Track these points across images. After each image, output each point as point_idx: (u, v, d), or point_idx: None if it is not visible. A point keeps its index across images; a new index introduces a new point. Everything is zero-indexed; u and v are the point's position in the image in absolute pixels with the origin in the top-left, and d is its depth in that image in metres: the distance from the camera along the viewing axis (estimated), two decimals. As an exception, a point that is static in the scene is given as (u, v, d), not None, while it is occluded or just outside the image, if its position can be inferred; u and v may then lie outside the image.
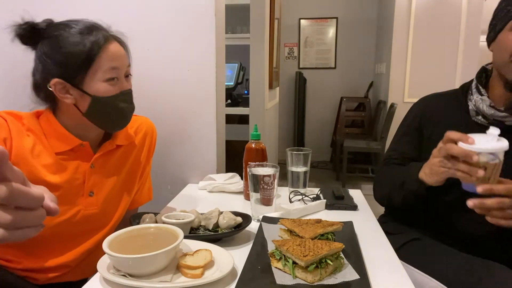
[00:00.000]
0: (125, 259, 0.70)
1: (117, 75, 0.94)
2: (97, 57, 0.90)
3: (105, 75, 0.91)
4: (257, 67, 2.92)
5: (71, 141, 0.97)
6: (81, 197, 0.98)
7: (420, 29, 3.83)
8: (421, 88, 3.87)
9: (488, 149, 0.76)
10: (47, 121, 0.97)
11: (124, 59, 0.96)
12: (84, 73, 0.90)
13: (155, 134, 1.20)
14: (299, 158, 1.26)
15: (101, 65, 0.91)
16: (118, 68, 0.94)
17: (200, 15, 1.39)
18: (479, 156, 0.77)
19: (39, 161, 0.92)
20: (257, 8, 2.82)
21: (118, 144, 1.06)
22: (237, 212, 1.00)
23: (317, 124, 5.42)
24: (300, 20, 5.24)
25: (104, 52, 0.91)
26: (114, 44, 0.94)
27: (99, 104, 0.93)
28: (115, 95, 0.94)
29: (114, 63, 0.92)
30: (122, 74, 0.96)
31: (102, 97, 0.92)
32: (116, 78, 0.94)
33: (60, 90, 0.92)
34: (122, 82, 0.96)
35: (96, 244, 1.03)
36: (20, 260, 0.95)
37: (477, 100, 1.04)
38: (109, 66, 0.91)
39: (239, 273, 0.75)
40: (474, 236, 1.05)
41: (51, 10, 1.43)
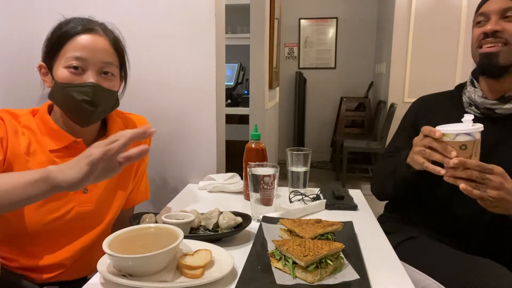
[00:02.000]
0: (125, 259, 0.70)
1: (81, 66, 0.93)
2: (65, 44, 0.93)
3: (66, 62, 0.92)
4: (257, 67, 2.92)
5: (65, 138, 0.97)
6: (75, 194, 0.98)
7: (420, 29, 3.83)
8: (421, 88, 3.87)
9: (464, 130, 0.86)
10: (42, 119, 0.98)
11: (97, 54, 0.94)
12: (53, 58, 0.95)
13: None
14: (299, 158, 1.26)
15: (66, 51, 0.93)
16: (84, 60, 0.93)
17: (200, 15, 1.39)
18: (458, 136, 0.86)
19: (34, 159, 0.93)
20: (257, 8, 2.82)
21: None
22: (237, 212, 1.00)
23: (317, 124, 5.42)
24: (300, 20, 5.24)
25: (73, 41, 0.93)
26: (90, 36, 0.95)
27: (58, 89, 0.94)
28: (71, 84, 0.92)
29: (80, 53, 0.92)
30: (92, 67, 0.94)
31: (60, 83, 0.93)
32: (77, 68, 0.93)
33: (43, 74, 0.98)
34: (87, 75, 0.93)
35: (91, 243, 1.03)
36: (16, 258, 0.95)
37: (470, 91, 1.13)
38: (72, 54, 0.92)
39: (239, 273, 0.75)
40: (469, 234, 1.07)
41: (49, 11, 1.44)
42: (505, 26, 1.03)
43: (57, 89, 0.94)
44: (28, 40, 1.43)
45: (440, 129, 0.90)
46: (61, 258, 0.99)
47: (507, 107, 1.05)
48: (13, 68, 1.46)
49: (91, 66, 0.94)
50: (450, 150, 0.87)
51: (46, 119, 0.98)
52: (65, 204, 0.97)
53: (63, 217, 0.96)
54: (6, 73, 1.48)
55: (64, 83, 0.92)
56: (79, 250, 1.01)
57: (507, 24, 1.03)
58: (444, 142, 0.89)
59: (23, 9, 1.43)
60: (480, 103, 1.09)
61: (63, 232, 0.98)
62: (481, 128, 0.87)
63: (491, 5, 1.06)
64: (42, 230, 0.94)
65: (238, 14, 3.18)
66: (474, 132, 0.87)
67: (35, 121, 0.98)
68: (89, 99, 0.93)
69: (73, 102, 0.93)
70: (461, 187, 0.86)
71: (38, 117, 0.99)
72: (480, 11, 1.09)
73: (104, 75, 0.96)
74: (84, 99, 0.92)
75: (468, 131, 0.87)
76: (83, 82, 0.93)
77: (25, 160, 0.92)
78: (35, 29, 1.41)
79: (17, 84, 1.47)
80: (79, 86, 0.92)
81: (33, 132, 0.96)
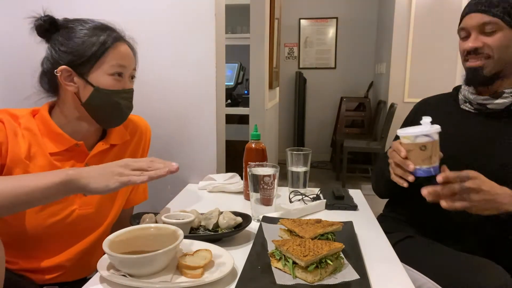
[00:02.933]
0: (125, 259, 0.70)
1: (122, 72, 0.99)
2: (107, 51, 0.96)
3: (111, 69, 0.96)
4: (257, 67, 2.92)
5: (66, 141, 0.97)
6: (76, 197, 0.98)
7: (420, 29, 3.82)
8: (421, 88, 3.87)
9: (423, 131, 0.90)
10: (43, 121, 0.97)
11: (131, 61, 1.02)
12: (91, 64, 0.95)
13: (149, 133, 1.20)
14: (299, 158, 1.26)
15: (109, 59, 0.96)
16: (125, 67, 0.99)
17: (200, 15, 1.39)
18: (418, 138, 0.89)
19: (34, 162, 0.93)
20: (257, 8, 2.82)
21: (112, 143, 1.06)
22: (237, 212, 1.00)
23: (317, 124, 5.42)
24: (300, 20, 5.23)
25: (115, 49, 0.97)
26: (124, 45, 1.00)
27: (99, 95, 0.96)
28: (117, 90, 0.98)
29: (122, 61, 0.98)
30: (127, 74, 1.01)
31: (103, 89, 0.96)
32: (121, 75, 0.98)
33: (65, 78, 0.95)
34: (126, 81, 1.01)
35: (91, 245, 1.02)
36: (16, 261, 0.95)
37: (464, 88, 1.15)
38: (116, 62, 0.97)
39: (239, 273, 0.75)
40: (466, 233, 1.08)
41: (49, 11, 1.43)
42: (485, 41, 1.03)
43: (99, 95, 0.96)
44: (28, 40, 1.43)
45: (400, 132, 0.92)
46: (61, 260, 0.99)
47: (498, 102, 1.06)
48: (13, 68, 1.46)
49: (128, 73, 1.01)
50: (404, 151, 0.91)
51: (47, 120, 0.97)
52: (66, 207, 0.97)
53: (64, 220, 0.96)
54: (6, 73, 1.48)
55: (110, 89, 0.96)
56: (80, 252, 1.01)
57: (487, 38, 1.03)
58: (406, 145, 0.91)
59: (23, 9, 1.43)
60: (472, 99, 1.11)
61: (63, 235, 0.98)
62: (439, 129, 0.90)
63: (469, 20, 1.06)
64: (43, 233, 0.94)
65: (238, 14, 3.18)
66: (432, 133, 0.89)
67: (35, 122, 0.97)
68: (129, 103, 1.03)
69: (116, 107, 0.99)
70: (443, 206, 0.87)
71: (39, 118, 0.98)
72: (461, 26, 1.10)
73: (131, 79, 1.04)
74: (125, 103, 1.01)
75: (426, 132, 0.89)
76: (126, 88, 1.01)
77: (25, 165, 0.91)
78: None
79: (17, 84, 1.47)
80: (123, 92, 0.99)
81: (33, 134, 0.95)
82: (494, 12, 1.02)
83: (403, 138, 0.92)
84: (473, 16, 1.05)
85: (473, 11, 1.05)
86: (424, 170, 0.91)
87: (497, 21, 1.01)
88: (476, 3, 1.05)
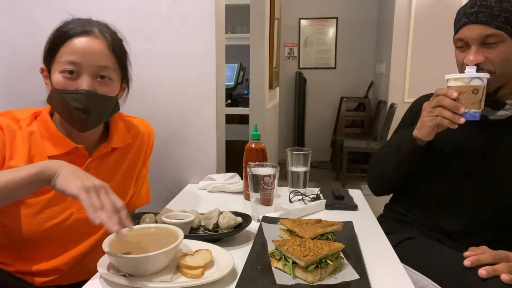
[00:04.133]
0: (125, 259, 0.70)
1: (76, 70, 0.89)
2: (60, 47, 0.90)
3: (61, 66, 0.89)
4: (257, 67, 2.92)
5: (66, 144, 0.95)
6: (74, 200, 0.95)
7: (420, 29, 3.82)
8: (421, 88, 3.85)
9: (477, 74, 0.92)
10: (43, 123, 0.96)
11: (92, 57, 0.90)
12: (51, 61, 0.92)
13: (152, 136, 1.17)
14: (299, 158, 1.26)
15: (61, 56, 0.90)
16: (78, 64, 0.89)
17: (200, 15, 1.39)
18: (472, 80, 0.92)
19: None
20: (257, 8, 2.82)
21: (113, 147, 1.04)
22: (237, 212, 1.00)
23: (317, 124, 5.41)
24: (300, 20, 5.23)
25: (68, 45, 0.89)
26: (86, 39, 0.90)
27: (54, 95, 0.91)
28: (67, 90, 0.89)
29: (74, 57, 0.88)
30: (86, 72, 0.90)
31: (55, 88, 0.90)
32: (74, 74, 0.89)
33: (45, 77, 0.96)
34: (82, 81, 0.89)
35: (89, 249, 1.00)
36: (13, 263, 0.94)
37: None
38: (66, 59, 0.88)
39: (239, 273, 0.75)
40: (468, 235, 1.07)
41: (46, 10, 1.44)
42: (487, 55, 0.97)
43: (53, 94, 0.91)
44: (28, 40, 1.43)
45: (452, 75, 0.95)
46: (58, 264, 0.96)
47: (500, 114, 1.04)
48: (13, 68, 1.46)
49: (85, 70, 0.89)
50: (456, 92, 0.93)
51: (48, 123, 0.96)
52: (63, 210, 0.95)
53: (61, 224, 0.94)
54: (6, 73, 1.48)
55: (59, 89, 0.89)
56: (77, 256, 0.99)
57: (489, 51, 0.97)
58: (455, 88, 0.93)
59: (23, 9, 1.43)
60: None
61: (61, 238, 0.96)
62: (488, 75, 0.93)
63: (468, 32, 0.99)
64: (40, 237, 0.93)
65: (238, 14, 3.19)
66: (484, 78, 0.92)
67: (36, 125, 0.96)
68: (82, 106, 0.89)
69: (68, 109, 0.90)
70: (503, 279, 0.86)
71: (40, 120, 0.97)
72: (458, 36, 1.03)
73: (100, 79, 0.92)
74: (77, 106, 0.89)
75: (480, 75, 0.92)
76: (76, 89, 0.89)
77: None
78: (35, 29, 1.42)
79: (17, 85, 1.47)
80: (72, 93, 0.89)
81: (34, 137, 0.93)
82: (497, 23, 0.95)
83: (456, 80, 0.93)
84: (473, 27, 0.98)
85: (473, 22, 0.98)
86: (471, 114, 0.93)
87: (500, 33, 0.95)
88: (475, 14, 0.98)
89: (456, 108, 0.93)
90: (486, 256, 0.90)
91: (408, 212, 1.19)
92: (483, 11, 0.97)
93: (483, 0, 0.98)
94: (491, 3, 0.97)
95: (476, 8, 0.98)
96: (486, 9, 0.97)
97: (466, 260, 0.90)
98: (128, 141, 1.08)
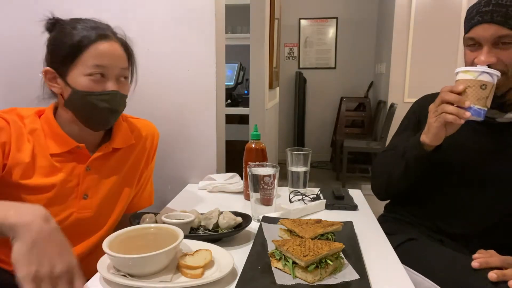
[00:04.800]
0: (125, 259, 0.70)
1: (102, 73, 0.93)
2: (83, 51, 0.91)
3: (86, 70, 0.91)
4: (257, 67, 2.92)
5: (68, 143, 0.96)
6: (75, 200, 0.97)
7: (420, 29, 3.82)
8: (421, 88, 3.86)
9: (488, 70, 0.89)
10: (47, 122, 0.97)
11: (116, 60, 0.95)
12: (69, 65, 0.92)
13: (156, 138, 1.17)
14: (299, 158, 1.26)
15: (86, 59, 0.91)
16: (105, 67, 0.93)
17: (200, 15, 1.39)
18: (481, 75, 0.89)
19: (35, 164, 0.93)
20: (257, 8, 2.82)
21: (115, 147, 1.04)
22: (237, 212, 1.00)
23: (317, 124, 5.42)
24: (300, 20, 5.23)
25: (92, 49, 0.92)
26: (108, 44, 0.94)
27: (76, 97, 0.93)
28: (95, 92, 0.93)
29: (100, 61, 0.92)
30: (111, 74, 0.95)
31: (80, 90, 0.92)
32: (100, 76, 0.93)
33: (50, 79, 0.95)
34: (108, 82, 0.94)
35: (90, 249, 1.01)
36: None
37: None
38: (93, 62, 0.92)
39: (239, 273, 0.75)
40: (469, 236, 1.07)
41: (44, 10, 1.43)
42: (500, 56, 0.94)
43: (76, 97, 0.93)
44: (28, 40, 1.43)
45: (462, 68, 0.92)
46: None
47: (508, 117, 1.02)
48: (13, 68, 1.46)
49: (111, 73, 0.94)
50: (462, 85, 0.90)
51: (51, 121, 0.97)
52: (64, 209, 0.96)
53: (61, 223, 0.95)
54: (6, 73, 1.48)
55: (86, 91, 0.92)
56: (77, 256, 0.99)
57: (501, 52, 0.94)
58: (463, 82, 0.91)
59: (23, 9, 1.43)
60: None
61: None
62: (500, 74, 0.90)
63: (482, 32, 0.95)
64: None
65: (238, 14, 3.18)
66: (494, 75, 0.89)
67: (40, 123, 0.97)
68: (110, 106, 0.95)
69: (94, 110, 0.94)
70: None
71: (44, 119, 0.98)
72: (470, 35, 0.99)
73: (122, 80, 0.98)
74: (106, 106, 0.94)
75: (490, 71, 0.89)
76: (105, 90, 0.94)
77: (26, 166, 0.91)
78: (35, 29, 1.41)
79: (17, 85, 1.47)
80: (101, 94, 0.93)
81: (37, 135, 0.95)
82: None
83: (465, 73, 0.91)
84: (487, 27, 0.94)
85: (487, 22, 0.94)
86: (476, 110, 0.90)
87: None
88: (490, 13, 0.94)
89: (461, 101, 0.90)
90: (495, 259, 0.90)
91: (409, 213, 1.18)
92: (498, 10, 0.92)
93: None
94: (506, 2, 0.93)
95: (490, 7, 0.94)
96: (502, 8, 0.92)
97: (475, 262, 0.90)
98: (131, 142, 1.09)
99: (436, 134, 0.97)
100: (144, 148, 1.13)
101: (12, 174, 0.90)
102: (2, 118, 0.91)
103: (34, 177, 0.92)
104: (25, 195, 0.91)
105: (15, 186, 0.91)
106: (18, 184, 0.91)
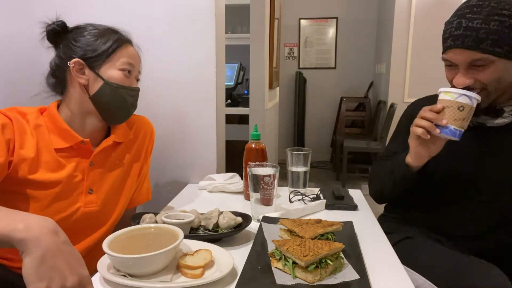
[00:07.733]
0: (125, 259, 0.70)
1: (131, 70, 1.03)
2: (118, 49, 1.00)
3: (121, 65, 1.00)
4: (257, 67, 2.92)
5: (72, 138, 0.98)
6: (81, 195, 1.00)
7: (420, 29, 3.82)
8: (421, 88, 3.86)
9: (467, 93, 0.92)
10: (51, 117, 0.99)
11: (138, 63, 1.07)
12: (103, 59, 0.99)
13: (153, 133, 1.21)
14: (299, 158, 1.26)
15: (120, 56, 1.00)
16: (133, 66, 1.03)
17: (200, 15, 1.39)
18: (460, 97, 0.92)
19: (40, 159, 0.94)
20: (257, 8, 2.82)
21: (115, 140, 1.07)
22: (237, 212, 1.00)
23: (317, 124, 5.42)
24: (300, 20, 5.23)
25: (125, 49, 1.02)
26: (132, 48, 1.06)
27: (108, 89, 0.99)
28: (125, 86, 1.01)
29: (131, 60, 1.03)
30: (134, 73, 1.05)
31: (113, 83, 0.99)
32: (129, 72, 1.02)
33: (77, 70, 0.98)
34: (133, 80, 1.05)
35: (95, 243, 1.03)
36: (19, 258, 0.95)
37: None
38: (127, 60, 1.01)
39: (239, 273, 0.75)
40: (467, 236, 1.07)
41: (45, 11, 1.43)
42: (477, 76, 0.94)
43: (108, 88, 0.99)
44: (28, 40, 1.43)
45: (444, 89, 0.94)
46: None
47: (498, 122, 1.02)
48: (13, 68, 1.46)
49: (134, 72, 1.05)
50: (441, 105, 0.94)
51: (56, 117, 0.99)
52: (71, 204, 0.98)
53: (69, 218, 0.97)
54: (7, 73, 1.48)
55: (118, 84, 1.00)
56: (83, 251, 1.01)
57: (478, 73, 0.94)
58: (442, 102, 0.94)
59: (23, 9, 1.43)
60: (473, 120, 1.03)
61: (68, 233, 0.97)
62: (480, 99, 0.92)
63: (455, 56, 0.95)
64: None
65: (238, 14, 3.19)
66: (474, 98, 0.91)
67: (43, 119, 0.98)
68: (134, 101, 1.05)
69: (123, 103, 1.02)
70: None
71: (47, 115, 0.99)
72: (445, 57, 0.99)
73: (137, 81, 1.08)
74: (131, 101, 1.04)
75: (469, 94, 0.91)
76: (133, 86, 1.04)
77: (31, 162, 0.92)
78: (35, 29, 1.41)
79: (17, 85, 1.47)
80: (129, 89, 1.02)
81: (41, 131, 0.96)
82: (484, 47, 0.90)
83: (445, 93, 0.93)
84: (459, 52, 0.94)
85: (459, 47, 0.93)
86: (451, 130, 0.93)
87: (487, 56, 0.91)
88: (461, 38, 0.93)
89: (438, 119, 0.93)
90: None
91: (409, 212, 1.19)
92: (468, 34, 0.91)
93: (468, 21, 0.92)
94: (477, 25, 0.91)
95: (461, 31, 0.93)
96: (472, 32, 0.91)
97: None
98: (130, 137, 1.12)
99: (417, 153, 1.01)
100: (143, 143, 1.17)
101: (19, 170, 0.91)
102: (4, 115, 0.92)
103: (39, 172, 0.93)
104: (33, 191, 0.92)
105: (23, 182, 0.91)
106: (26, 180, 0.91)
